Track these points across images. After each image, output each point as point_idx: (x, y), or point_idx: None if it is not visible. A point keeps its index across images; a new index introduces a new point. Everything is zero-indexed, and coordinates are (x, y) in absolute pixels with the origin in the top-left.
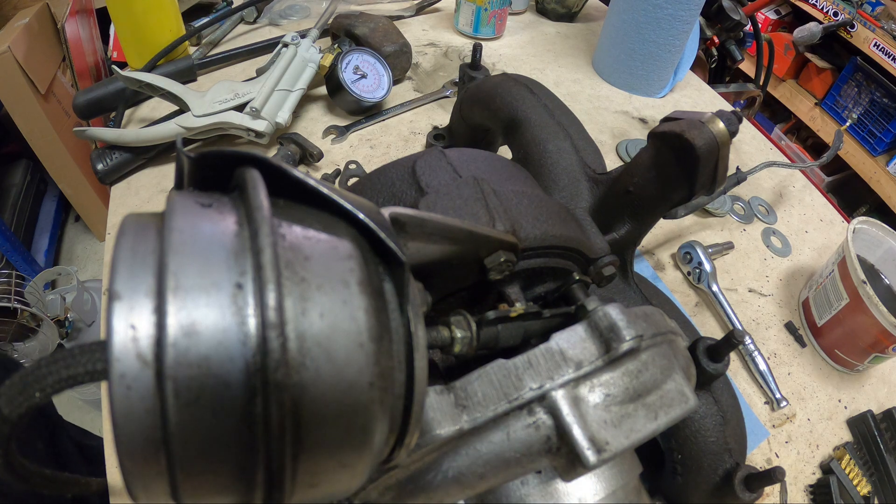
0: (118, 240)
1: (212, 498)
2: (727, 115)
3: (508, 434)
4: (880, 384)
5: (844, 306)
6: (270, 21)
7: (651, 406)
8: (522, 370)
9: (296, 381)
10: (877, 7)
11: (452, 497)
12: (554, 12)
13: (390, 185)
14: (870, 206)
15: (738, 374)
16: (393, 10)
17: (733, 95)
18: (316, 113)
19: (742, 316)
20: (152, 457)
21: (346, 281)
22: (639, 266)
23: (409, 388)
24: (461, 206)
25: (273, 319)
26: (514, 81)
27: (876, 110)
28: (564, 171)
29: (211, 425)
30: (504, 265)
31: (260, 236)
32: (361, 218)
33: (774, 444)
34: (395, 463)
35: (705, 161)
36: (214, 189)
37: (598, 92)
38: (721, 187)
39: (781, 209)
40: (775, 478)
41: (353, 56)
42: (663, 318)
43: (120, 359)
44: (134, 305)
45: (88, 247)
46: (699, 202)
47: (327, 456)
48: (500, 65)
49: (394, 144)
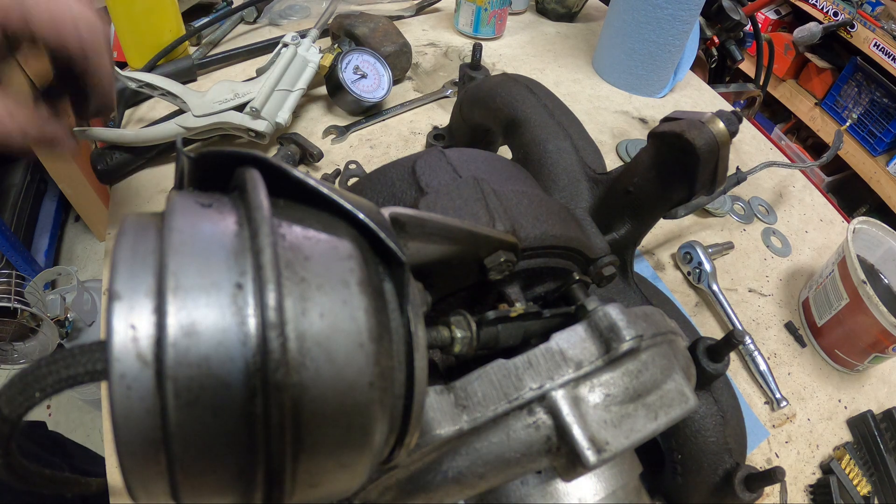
0: (118, 240)
1: (212, 498)
2: (727, 115)
3: (508, 434)
4: (880, 384)
5: (844, 306)
6: (270, 21)
7: (651, 406)
8: (522, 370)
9: (296, 381)
10: (877, 7)
11: (452, 497)
12: (554, 12)
13: (390, 185)
14: (870, 206)
15: (738, 374)
16: (393, 10)
17: (733, 95)
18: (316, 113)
19: (742, 316)
20: (152, 457)
21: (346, 281)
22: (639, 266)
23: (409, 388)
24: (461, 206)
25: (273, 319)
26: (513, 81)
27: (876, 110)
28: (564, 171)
29: (211, 425)
30: (504, 265)
31: (260, 236)
32: (361, 218)
33: (774, 444)
34: (395, 463)
35: (705, 161)
36: (214, 189)
37: (598, 92)
38: (721, 187)
39: (781, 209)
40: (775, 478)
41: (353, 56)
42: (663, 318)
43: (120, 359)
44: (134, 305)
45: (88, 247)
46: (699, 202)
47: (327, 456)
48: (500, 65)
49: (394, 144)
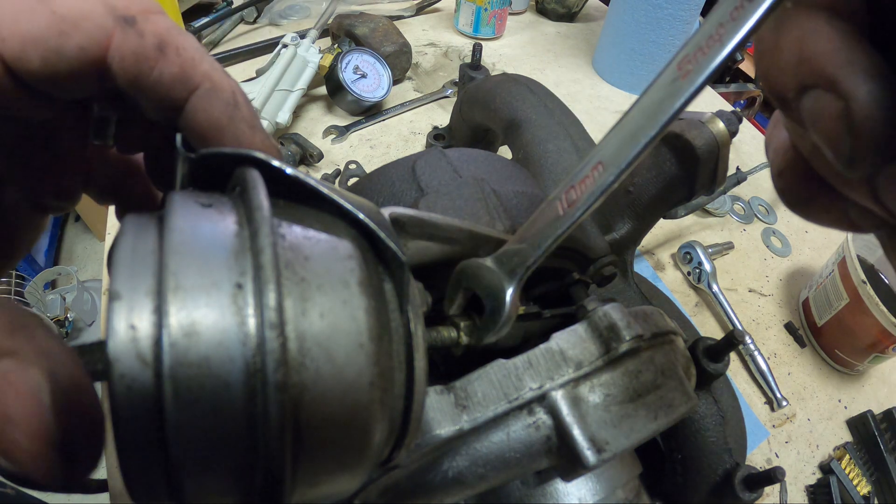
0: (118, 240)
1: (212, 498)
2: (727, 115)
3: (508, 434)
4: (880, 384)
5: (844, 306)
6: (270, 21)
7: (651, 406)
8: (522, 370)
9: (296, 381)
10: None
11: (452, 497)
12: (554, 12)
13: (390, 185)
14: None
15: (738, 374)
16: (393, 10)
17: (733, 95)
18: (316, 113)
19: (742, 316)
20: (152, 457)
21: (346, 281)
22: (639, 266)
23: (409, 388)
24: (461, 206)
25: (273, 319)
26: (514, 81)
27: None
28: (564, 171)
29: (211, 425)
30: None
31: (260, 236)
32: (361, 218)
33: (774, 443)
34: (395, 463)
35: (705, 161)
36: (214, 189)
37: (598, 92)
38: (721, 187)
39: (781, 209)
40: (775, 478)
41: (353, 56)
42: (663, 318)
43: (120, 359)
44: (134, 305)
45: (88, 247)
46: (699, 202)
47: (327, 456)
48: (500, 65)
49: (394, 144)
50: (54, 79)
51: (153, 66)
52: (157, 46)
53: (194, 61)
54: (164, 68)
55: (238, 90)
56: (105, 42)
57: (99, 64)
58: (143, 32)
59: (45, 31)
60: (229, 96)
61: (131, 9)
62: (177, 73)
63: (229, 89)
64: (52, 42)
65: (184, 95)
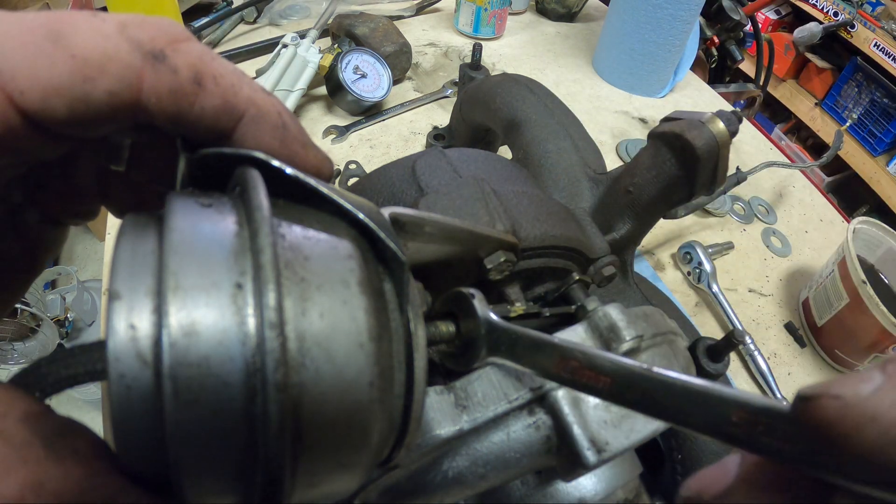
0: (118, 240)
1: (211, 498)
2: (727, 115)
3: (508, 434)
4: None
5: (844, 306)
6: (270, 21)
7: None
8: (522, 370)
9: (295, 381)
10: (877, 7)
11: (452, 497)
12: (554, 12)
13: (390, 185)
14: (870, 207)
15: (738, 374)
16: (393, 10)
17: (733, 95)
18: (316, 113)
19: (742, 316)
20: (152, 457)
21: (346, 281)
22: (639, 266)
23: (409, 388)
24: (461, 206)
25: (272, 319)
26: (513, 81)
27: (876, 110)
28: (564, 171)
29: (211, 425)
30: (504, 265)
31: (260, 236)
32: (361, 218)
33: None
34: (395, 463)
35: (705, 161)
36: (214, 189)
37: (598, 92)
38: (721, 187)
39: (781, 209)
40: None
41: (352, 56)
42: (663, 318)
43: (120, 359)
44: (134, 305)
45: (88, 247)
46: (699, 202)
47: (327, 456)
48: (500, 65)
49: (394, 144)
50: (83, 125)
51: (193, 101)
52: (194, 80)
53: (234, 88)
54: (206, 101)
55: (283, 109)
56: (136, 83)
57: (132, 106)
58: (175, 68)
59: (68, 78)
60: (276, 119)
61: (158, 42)
62: (219, 105)
63: (275, 111)
64: (77, 90)
65: (230, 126)
